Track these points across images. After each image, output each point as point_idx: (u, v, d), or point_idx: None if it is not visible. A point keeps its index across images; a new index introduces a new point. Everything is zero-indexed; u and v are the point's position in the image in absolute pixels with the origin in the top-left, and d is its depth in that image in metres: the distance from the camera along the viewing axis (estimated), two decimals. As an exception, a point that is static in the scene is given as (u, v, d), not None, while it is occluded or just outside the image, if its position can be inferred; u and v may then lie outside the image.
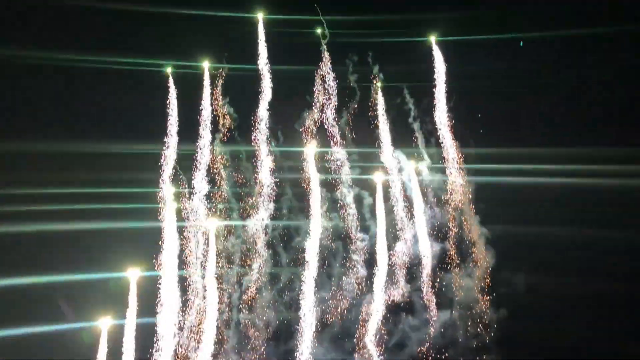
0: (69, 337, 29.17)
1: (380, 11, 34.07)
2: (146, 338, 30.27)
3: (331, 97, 33.78)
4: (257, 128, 33.22)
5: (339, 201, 33.00)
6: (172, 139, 33.02)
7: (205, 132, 33.21)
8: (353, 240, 32.54)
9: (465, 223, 32.89)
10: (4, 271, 28.21)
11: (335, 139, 33.51)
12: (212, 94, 33.74)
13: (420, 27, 34.34)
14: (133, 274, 30.67)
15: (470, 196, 33.33)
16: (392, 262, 32.28)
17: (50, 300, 29.49)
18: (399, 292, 31.87)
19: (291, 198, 33.02)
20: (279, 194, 32.92)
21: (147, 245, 30.96)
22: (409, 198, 33.37)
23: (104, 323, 30.10)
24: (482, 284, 32.37)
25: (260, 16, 34.18)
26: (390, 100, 34.38)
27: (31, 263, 29.35)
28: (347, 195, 32.96)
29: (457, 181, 33.32)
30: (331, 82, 33.93)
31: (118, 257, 30.41)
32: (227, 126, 33.37)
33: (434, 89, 34.28)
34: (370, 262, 32.41)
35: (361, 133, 34.02)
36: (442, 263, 32.69)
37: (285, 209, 32.90)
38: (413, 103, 34.37)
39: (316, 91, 33.79)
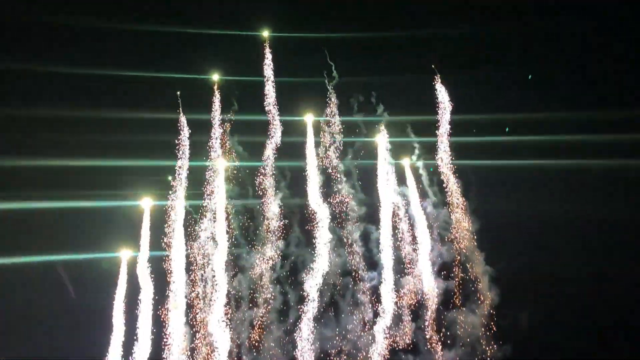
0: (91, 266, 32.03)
1: (386, 51, 34.89)
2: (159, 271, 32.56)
3: (337, 141, 34.39)
4: (264, 173, 33.88)
5: (346, 239, 33.40)
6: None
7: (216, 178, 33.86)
8: (359, 279, 32.89)
9: (469, 263, 33.22)
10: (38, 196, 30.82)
11: (339, 177, 34.01)
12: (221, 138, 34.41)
13: (424, 65, 35.13)
14: (146, 203, 33.25)
15: (474, 235, 33.71)
16: (397, 302, 32.60)
17: (75, 230, 32.18)
18: (403, 333, 32.16)
19: (299, 235, 33.45)
20: (287, 230, 33.48)
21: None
22: (415, 235, 33.77)
23: (124, 254, 32.66)
24: (486, 321, 32.58)
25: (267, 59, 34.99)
26: (394, 135, 35.04)
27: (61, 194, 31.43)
28: (353, 232, 33.38)
29: (460, 221, 33.69)
30: (336, 127, 34.55)
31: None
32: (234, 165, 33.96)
33: (437, 131, 34.92)
34: (376, 296, 32.83)
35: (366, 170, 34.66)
36: (447, 301, 32.98)
37: (293, 246, 33.40)
38: (417, 141, 35.03)
39: (322, 137, 34.35)
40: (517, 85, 35.45)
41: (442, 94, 35.20)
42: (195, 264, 32.55)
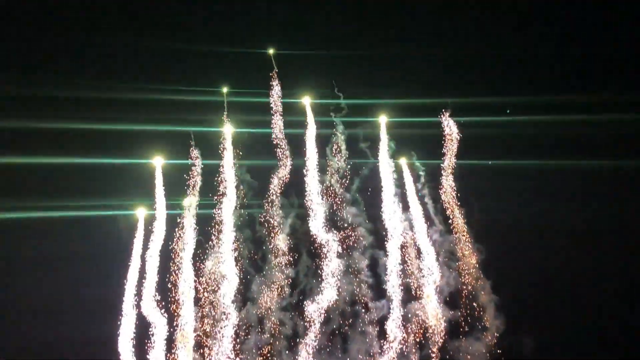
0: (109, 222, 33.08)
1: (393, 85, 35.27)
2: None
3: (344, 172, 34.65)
4: (270, 205, 34.06)
5: (352, 268, 33.62)
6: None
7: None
8: (365, 308, 33.13)
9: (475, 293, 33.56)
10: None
11: (344, 205, 34.23)
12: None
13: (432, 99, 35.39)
14: (158, 162, 34.31)
15: (478, 264, 34.06)
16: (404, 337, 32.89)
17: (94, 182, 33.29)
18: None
19: (307, 263, 33.70)
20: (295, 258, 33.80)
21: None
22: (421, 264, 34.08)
23: (140, 212, 33.72)
24: (492, 349, 32.90)
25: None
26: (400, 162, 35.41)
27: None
28: (360, 260, 33.61)
29: (465, 255, 34.07)
30: (342, 162, 34.83)
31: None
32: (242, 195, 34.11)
33: (442, 164, 35.33)
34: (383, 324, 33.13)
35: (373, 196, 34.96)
36: (453, 329, 33.23)
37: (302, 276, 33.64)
38: (423, 171, 35.35)
39: (328, 175, 34.67)
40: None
41: (451, 127, 35.54)
42: (203, 299, 32.65)
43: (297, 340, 32.57)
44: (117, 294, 32.46)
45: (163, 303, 32.58)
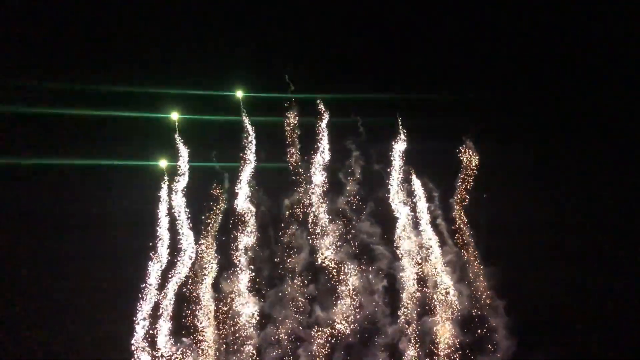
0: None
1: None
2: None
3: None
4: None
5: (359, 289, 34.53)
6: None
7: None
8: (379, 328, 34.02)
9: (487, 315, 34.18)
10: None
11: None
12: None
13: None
14: (175, 116, 35.13)
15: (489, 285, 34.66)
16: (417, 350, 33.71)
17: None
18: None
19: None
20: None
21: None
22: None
23: (162, 163, 34.84)
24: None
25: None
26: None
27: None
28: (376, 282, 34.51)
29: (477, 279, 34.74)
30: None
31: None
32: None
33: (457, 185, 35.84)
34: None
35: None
36: (464, 352, 33.98)
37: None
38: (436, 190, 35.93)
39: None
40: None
41: (468, 158, 35.96)
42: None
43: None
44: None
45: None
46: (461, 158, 35.67)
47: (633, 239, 34.52)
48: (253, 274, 34.32)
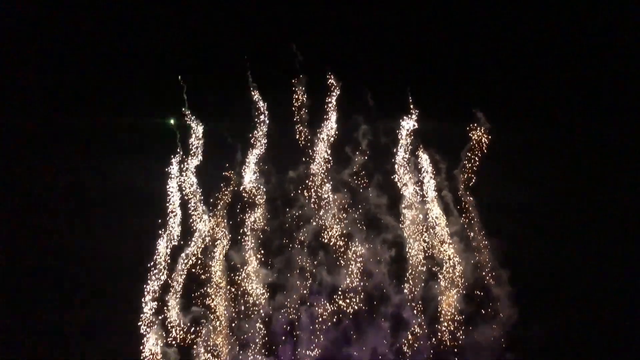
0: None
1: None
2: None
3: None
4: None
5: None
6: None
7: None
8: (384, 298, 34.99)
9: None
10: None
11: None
12: None
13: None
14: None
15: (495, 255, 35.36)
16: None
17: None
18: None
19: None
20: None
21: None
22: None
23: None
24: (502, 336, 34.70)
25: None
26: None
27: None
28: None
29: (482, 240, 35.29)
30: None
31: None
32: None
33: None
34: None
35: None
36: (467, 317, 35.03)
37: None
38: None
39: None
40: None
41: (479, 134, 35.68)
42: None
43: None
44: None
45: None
46: (471, 135, 35.53)
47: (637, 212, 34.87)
48: (261, 247, 35.01)
